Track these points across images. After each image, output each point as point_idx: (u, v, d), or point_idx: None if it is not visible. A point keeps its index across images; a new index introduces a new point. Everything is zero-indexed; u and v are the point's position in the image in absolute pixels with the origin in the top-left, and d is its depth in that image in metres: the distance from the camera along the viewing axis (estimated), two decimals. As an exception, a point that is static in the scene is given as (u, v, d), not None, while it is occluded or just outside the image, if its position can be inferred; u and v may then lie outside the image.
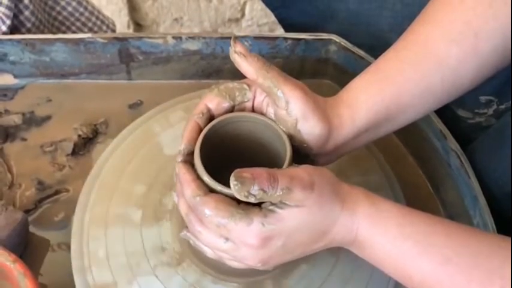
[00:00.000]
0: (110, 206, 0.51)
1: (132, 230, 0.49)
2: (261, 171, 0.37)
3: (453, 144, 0.55)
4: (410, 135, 0.60)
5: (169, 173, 0.52)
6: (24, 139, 0.60)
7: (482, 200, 0.51)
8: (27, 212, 0.54)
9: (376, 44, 0.52)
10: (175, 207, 0.50)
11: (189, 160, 0.42)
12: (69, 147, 0.59)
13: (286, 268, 0.47)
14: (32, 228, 0.53)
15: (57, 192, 0.56)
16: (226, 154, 0.43)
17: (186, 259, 0.48)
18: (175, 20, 1.29)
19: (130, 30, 1.28)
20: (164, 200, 0.51)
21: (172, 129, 0.57)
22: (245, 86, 0.44)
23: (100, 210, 0.51)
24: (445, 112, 0.57)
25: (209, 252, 0.42)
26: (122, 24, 1.25)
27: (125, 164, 0.54)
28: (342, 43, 0.62)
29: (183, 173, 0.41)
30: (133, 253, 0.48)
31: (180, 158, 0.42)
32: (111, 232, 0.49)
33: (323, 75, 0.66)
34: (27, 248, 0.51)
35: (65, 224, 0.53)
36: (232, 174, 0.37)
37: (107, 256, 0.48)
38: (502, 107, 0.60)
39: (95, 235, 0.49)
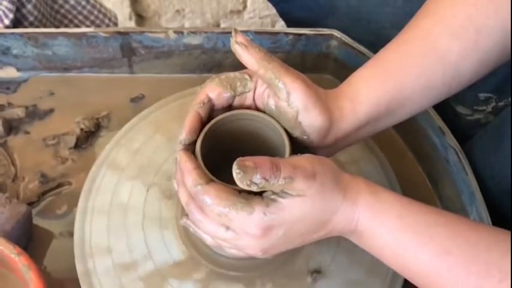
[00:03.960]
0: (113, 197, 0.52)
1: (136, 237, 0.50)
2: (263, 160, 0.37)
3: (451, 140, 0.55)
4: (410, 131, 0.60)
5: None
6: (27, 132, 0.60)
7: (479, 196, 0.52)
8: (31, 204, 0.54)
9: (377, 40, 0.52)
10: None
11: (189, 150, 0.42)
12: (71, 140, 0.59)
13: (292, 255, 0.48)
14: (35, 220, 0.53)
15: (59, 185, 0.57)
16: (227, 152, 0.44)
17: (200, 268, 0.48)
18: (177, 11, 1.29)
19: (132, 22, 1.28)
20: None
21: (175, 122, 0.57)
22: (246, 76, 0.44)
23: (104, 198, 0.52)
24: (445, 108, 0.58)
25: (209, 240, 0.42)
26: (124, 16, 1.25)
27: (128, 157, 0.55)
28: (343, 38, 0.62)
29: (184, 161, 0.41)
30: (141, 259, 0.49)
31: (180, 148, 0.42)
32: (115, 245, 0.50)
33: (324, 70, 0.66)
34: (31, 240, 0.52)
35: (68, 216, 0.54)
36: (235, 162, 0.37)
37: (115, 271, 0.48)
38: (501, 104, 0.60)
39: (99, 251, 0.49)
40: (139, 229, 0.50)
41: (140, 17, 1.30)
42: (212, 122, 0.43)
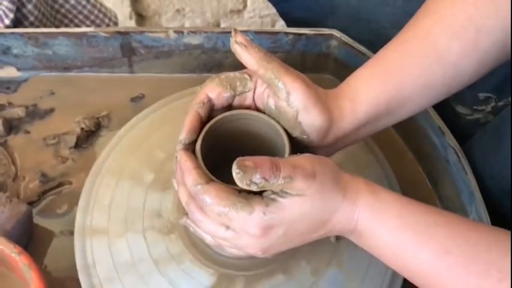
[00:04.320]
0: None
1: (140, 189, 0.52)
2: (263, 160, 0.37)
3: (451, 140, 0.56)
4: (409, 130, 0.60)
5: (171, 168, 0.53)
6: (27, 132, 0.60)
7: (478, 196, 0.52)
8: (31, 204, 0.55)
9: (377, 40, 0.52)
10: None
11: (189, 149, 0.42)
12: (72, 140, 0.59)
13: (291, 254, 0.48)
14: (36, 220, 0.53)
15: (60, 185, 0.57)
16: (227, 152, 0.44)
17: (175, 231, 0.49)
18: (177, 11, 1.29)
19: (132, 21, 1.28)
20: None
21: (175, 122, 0.57)
22: (246, 76, 0.44)
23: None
24: (444, 108, 0.58)
25: (209, 239, 0.42)
26: (124, 15, 1.25)
27: (129, 157, 0.55)
28: (343, 38, 0.62)
29: (184, 161, 0.41)
30: (133, 210, 0.50)
31: (180, 147, 0.42)
32: (115, 245, 0.50)
33: (324, 70, 0.66)
34: (31, 239, 0.52)
35: (68, 215, 0.54)
36: (235, 162, 0.37)
37: (110, 205, 0.51)
38: (500, 103, 0.60)
39: (100, 251, 0.50)
40: (140, 229, 0.50)
41: (140, 17, 1.30)
42: (212, 121, 0.43)
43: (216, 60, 0.65)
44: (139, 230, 0.50)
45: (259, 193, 0.39)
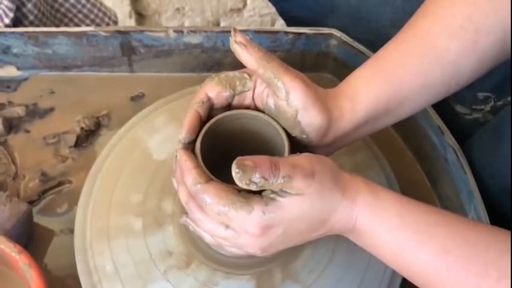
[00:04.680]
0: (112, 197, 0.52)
1: (136, 239, 0.49)
2: (262, 159, 0.37)
3: (450, 139, 0.56)
4: (409, 130, 0.60)
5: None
6: (27, 131, 0.60)
7: (477, 195, 0.52)
8: (31, 203, 0.55)
9: (376, 39, 0.52)
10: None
11: (189, 148, 0.42)
12: (72, 139, 0.60)
13: (292, 253, 0.48)
14: (36, 219, 0.53)
15: (60, 184, 0.57)
16: (226, 151, 0.44)
17: (194, 260, 0.48)
18: (177, 9, 1.29)
19: (132, 20, 1.28)
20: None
21: (174, 121, 0.57)
22: (246, 76, 0.44)
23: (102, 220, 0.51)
24: (444, 108, 0.58)
25: (208, 239, 0.43)
26: (124, 14, 1.25)
27: (128, 157, 0.55)
28: (343, 38, 0.62)
29: (184, 160, 0.41)
30: (141, 262, 0.48)
31: (180, 146, 0.42)
32: (115, 244, 0.49)
33: (323, 69, 0.66)
34: (31, 238, 0.53)
35: (68, 214, 0.54)
36: (234, 162, 0.37)
37: (115, 269, 0.48)
38: (499, 103, 0.60)
39: (100, 250, 0.49)
40: (159, 276, 0.48)
41: (140, 16, 1.30)
42: (211, 121, 0.43)
43: (216, 59, 0.65)
44: (160, 277, 0.47)
45: (259, 192, 0.39)
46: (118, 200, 0.52)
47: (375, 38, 0.56)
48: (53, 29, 0.62)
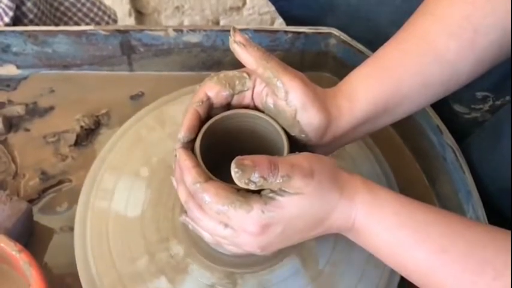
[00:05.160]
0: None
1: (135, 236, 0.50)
2: (261, 159, 0.38)
3: (449, 139, 0.56)
4: (407, 129, 0.61)
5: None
6: (27, 130, 0.61)
7: (475, 195, 0.52)
8: (31, 201, 0.55)
9: (376, 39, 0.52)
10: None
11: (188, 148, 0.42)
12: (71, 138, 0.60)
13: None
14: (36, 217, 0.54)
15: (60, 183, 0.57)
16: (226, 151, 0.44)
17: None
18: (177, 8, 1.29)
19: (132, 19, 1.28)
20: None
21: (174, 120, 0.57)
22: (245, 75, 0.44)
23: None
24: (442, 107, 0.58)
25: (207, 237, 0.43)
26: (123, 13, 1.25)
27: (127, 155, 0.55)
28: (342, 37, 0.62)
29: (183, 160, 0.41)
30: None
31: (179, 146, 0.42)
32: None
33: (323, 68, 0.67)
34: (31, 237, 0.53)
35: (68, 212, 0.55)
36: (233, 161, 0.37)
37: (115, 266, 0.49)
38: (498, 102, 0.60)
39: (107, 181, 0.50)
40: (139, 228, 0.50)
41: (140, 14, 1.30)
42: (211, 120, 0.44)
43: (215, 58, 0.65)
44: (159, 275, 0.48)
45: (258, 192, 0.39)
46: (118, 197, 0.52)
47: (374, 37, 0.56)
48: (53, 28, 0.62)
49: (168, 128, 0.57)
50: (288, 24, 0.72)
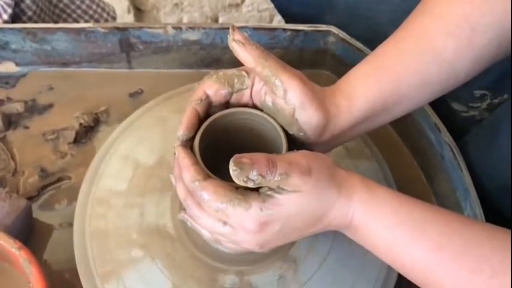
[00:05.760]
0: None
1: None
2: (260, 157, 0.38)
3: (447, 137, 0.56)
4: (406, 127, 0.61)
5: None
6: (26, 127, 0.61)
7: (473, 193, 0.52)
8: (31, 198, 0.55)
9: (374, 37, 0.52)
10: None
11: (187, 146, 0.43)
12: (71, 135, 0.60)
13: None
14: (35, 215, 0.54)
15: (59, 180, 0.57)
16: (224, 149, 0.44)
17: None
18: (176, 5, 1.29)
19: (131, 15, 1.27)
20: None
21: (173, 117, 0.57)
22: (244, 73, 0.44)
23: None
24: (440, 105, 0.58)
25: (206, 235, 0.43)
26: (122, 9, 1.25)
27: (127, 153, 0.55)
28: (341, 35, 0.62)
29: (182, 157, 0.41)
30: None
31: (178, 144, 0.42)
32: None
33: (321, 66, 0.67)
34: (31, 234, 0.53)
35: (67, 210, 0.55)
36: (232, 159, 0.37)
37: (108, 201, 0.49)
38: (496, 101, 0.60)
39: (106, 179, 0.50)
40: (138, 227, 0.50)
41: (139, 11, 1.30)
42: (210, 119, 0.44)
43: (214, 56, 0.65)
44: (158, 272, 0.48)
45: (256, 190, 0.39)
46: (118, 193, 0.52)
47: (373, 35, 0.56)
48: (52, 25, 0.62)
49: (167, 125, 0.57)
50: (286, 21, 0.72)
